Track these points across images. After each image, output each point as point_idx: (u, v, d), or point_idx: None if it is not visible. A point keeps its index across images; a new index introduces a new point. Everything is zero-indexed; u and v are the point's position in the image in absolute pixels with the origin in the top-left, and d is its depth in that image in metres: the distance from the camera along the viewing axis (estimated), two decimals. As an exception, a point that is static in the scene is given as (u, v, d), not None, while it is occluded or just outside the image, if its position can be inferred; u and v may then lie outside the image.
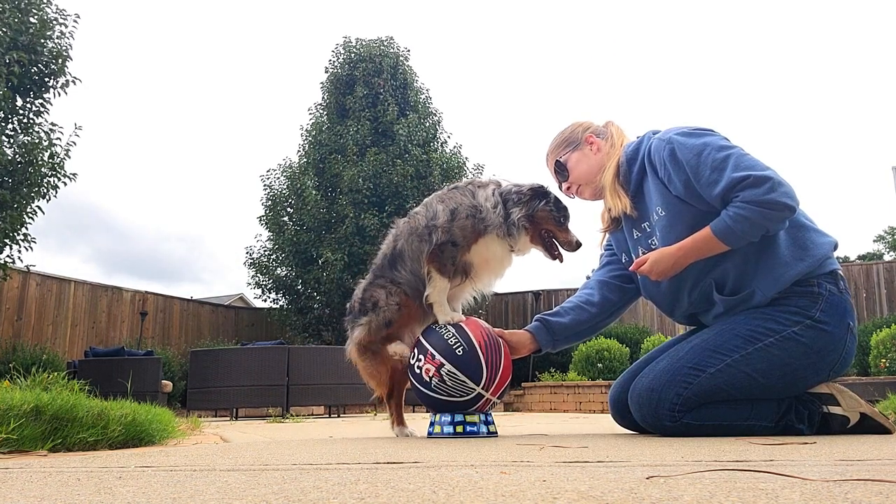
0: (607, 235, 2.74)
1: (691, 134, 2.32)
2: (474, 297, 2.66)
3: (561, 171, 2.62)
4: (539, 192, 2.52)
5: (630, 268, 2.48)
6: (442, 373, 2.36)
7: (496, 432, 2.51)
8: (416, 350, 2.47)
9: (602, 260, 2.80)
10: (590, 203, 2.68)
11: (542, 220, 2.49)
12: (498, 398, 2.46)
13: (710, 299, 2.36)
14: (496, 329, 2.55)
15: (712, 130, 2.35)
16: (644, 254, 2.44)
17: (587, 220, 2.81)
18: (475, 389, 2.36)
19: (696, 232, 2.26)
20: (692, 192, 2.28)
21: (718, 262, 2.30)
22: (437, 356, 2.38)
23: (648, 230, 2.46)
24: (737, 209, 2.16)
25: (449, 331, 2.42)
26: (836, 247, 2.31)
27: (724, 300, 2.32)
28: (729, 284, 2.31)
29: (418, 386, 2.44)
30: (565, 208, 2.56)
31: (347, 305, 2.70)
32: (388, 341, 2.56)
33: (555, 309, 2.71)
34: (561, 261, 2.54)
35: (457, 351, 2.37)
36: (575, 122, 2.67)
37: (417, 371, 2.43)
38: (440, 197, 2.55)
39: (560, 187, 2.67)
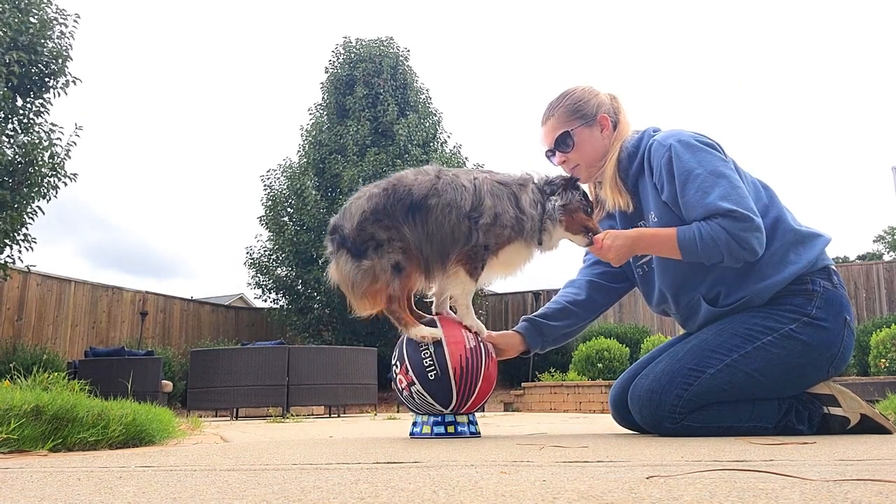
0: None
1: (690, 146, 2.25)
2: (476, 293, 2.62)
3: (565, 142, 2.45)
4: (572, 183, 2.43)
5: (590, 250, 2.43)
6: (412, 390, 2.34)
7: (479, 432, 2.47)
8: (395, 353, 2.44)
9: (589, 257, 2.72)
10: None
11: (574, 210, 2.40)
12: (476, 410, 2.45)
13: (697, 311, 2.37)
14: (486, 333, 2.48)
15: (713, 146, 2.28)
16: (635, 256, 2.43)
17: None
18: (443, 412, 2.36)
19: None
20: (678, 204, 2.26)
21: (704, 280, 2.30)
22: (411, 372, 2.33)
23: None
24: (711, 227, 2.15)
25: (428, 350, 2.32)
26: (827, 243, 2.30)
27: (719, 311, 2.31)
28: (721, 298, 2.31)
29: (394, 388, 2.47)
30: (589, 199, 2.50)
31: (331, 220, 2.41)
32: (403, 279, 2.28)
33: (542, 310, 2.67)
34: (592, 244, 2.40)
35: (429, 375, 2.30)
36: (588, 90, 2.49)
37: (393, 376, 2.45)
38: (490, 189, 2.32)
39: (551, 157, 2.53)
